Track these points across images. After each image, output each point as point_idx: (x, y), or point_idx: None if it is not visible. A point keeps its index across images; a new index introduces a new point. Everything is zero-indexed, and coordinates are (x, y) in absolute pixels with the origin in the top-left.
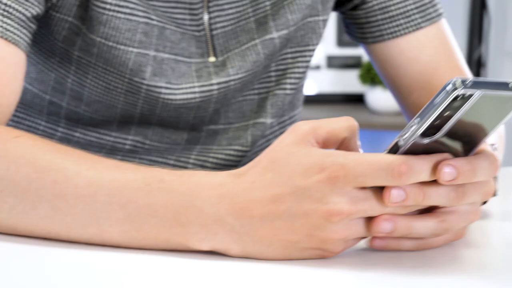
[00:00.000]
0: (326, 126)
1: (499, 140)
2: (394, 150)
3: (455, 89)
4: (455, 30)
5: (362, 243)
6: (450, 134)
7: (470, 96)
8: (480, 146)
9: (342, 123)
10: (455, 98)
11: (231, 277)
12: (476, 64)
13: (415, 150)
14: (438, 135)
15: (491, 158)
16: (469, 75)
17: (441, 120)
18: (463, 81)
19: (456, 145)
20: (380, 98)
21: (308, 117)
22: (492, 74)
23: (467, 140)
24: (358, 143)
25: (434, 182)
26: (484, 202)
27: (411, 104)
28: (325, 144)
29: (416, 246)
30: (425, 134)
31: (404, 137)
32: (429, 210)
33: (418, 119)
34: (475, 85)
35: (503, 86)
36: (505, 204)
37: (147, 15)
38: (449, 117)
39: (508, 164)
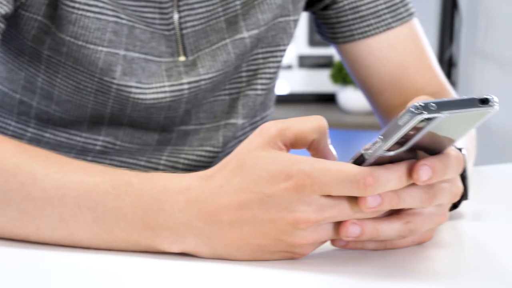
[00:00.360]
0: (294, 128)
1: (470, 141)
2: (359, 162)
3: (419, 113)
4: (426, 30)
5: (328, 243)
6: (416, 146)
7: (435, 117)
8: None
9: (311, 124)
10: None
11: (207, 277)
12: (448, 63)
13: (381, 161)
14: (403, 149)
15: (456, 155)
16: (440, 75)
17: (406, 137)
18: (426, 105)
19: (424, 152)
20: (352, 98)
21: (280, 117)
22: (463, 73)
23: (434, 148)
24: (329, 142)
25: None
26: (456, 206)
27: (382, 104)
28: (293, 146)
29: (380, 247)
30: (390, 149)
31: (369, 151)
32: (394, 213)
33: (382, 137)
34: (439, 107)
35: (469, 103)
36: (476, 205)
37: (117, 14)
38: (414, 134)
39: (478, 164)
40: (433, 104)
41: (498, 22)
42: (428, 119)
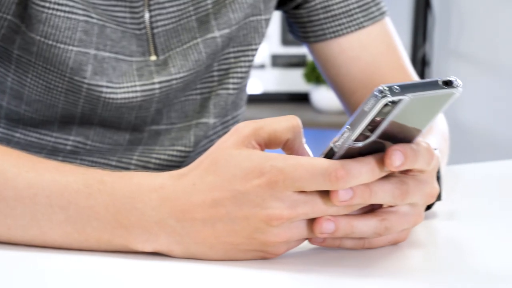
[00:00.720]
0: (267, 128)
1: (444, 142)
2: (330, 155)
3: (383, 96)
4: (399, 29)
5: (305, 243)
6: (385, 135)
7: (400, 100)
8: (417, 139)
9: (285, 123)
10: (385, 104)
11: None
12: (421, 63)
13: (351, 153)
14: (371, 138)
15: (426, 146)
16: (412, 74)
17: (373, 125)
18: (390, 88)
19: (393, 142)
20: (325, 97)
21: (253, 116)
22: (436, 72)
23: (402, 137)
24: (303, 142)
25: (378, 179)
26: (430, 207)
27: (354, 103)
28: (268, 145)
29: (357, 245)
30: (358, 139)
31: (338, 143)
32: (370, 211)
33: (349, 126)
34: (403, 89)
35: (432, 85)
36: (449, 204)
37: (87, 13)
38: (381, 121)
39: (451, 164)
40: (397, 87)
41: (471, 21)
42: (393, 103)
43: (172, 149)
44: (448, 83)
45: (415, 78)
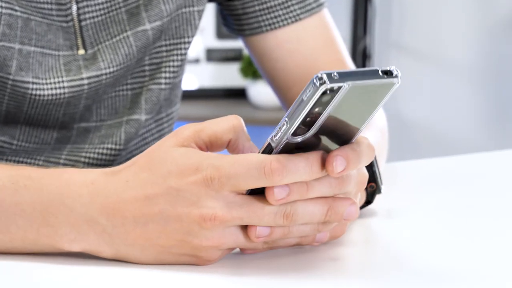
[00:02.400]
0: (208, 130)
1: (382, 136)
2: (268, 151)
3: (322, 83)
4: (339, 21)
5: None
6: (324, 130)
7: (339, 88)
8: (357, 136)
9: (225, 124)
10: (323, 93)
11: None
12: (362, 56)
13: (290, 150)
14: (311, 133)
15: (367, 143)
16: (351, 67)
17: (312, 117)
18: (329, 74)
19: (333, 139)
20: (263, 93)
21: (188, 114)
22: (378, 65)
23: (343, 133)
24: (249, 139)
25: None
26: (370, 202)
27: (291, 99)
28: (210, 148)
29: (294, 244)
30: (296, 133)
31: (276, 137)
32: None
33: (287, 118)
34: (342, 77)
35: (372, 74)
36: (388, 202)
37: (10, 6)
38: (320, 113)
39: (392, 160)
40: (336, 74)
41: (412, 13)
42: (332, 91)
43: (102, 147)
44: (387, 73)
45: None
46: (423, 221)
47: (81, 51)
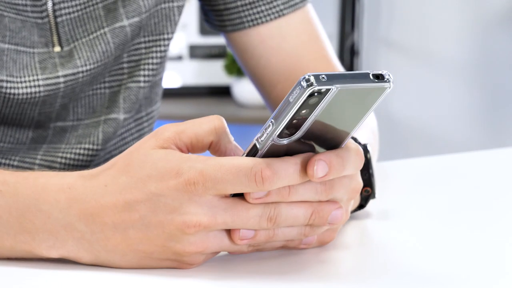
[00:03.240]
0: (189, 131)
1: (372, 136)
2: (253, 153)
3: (309, 85)
4: (326, 16)
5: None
6: (312, 133)
7: (327, 91)
8: (346, 142)
9: (206, 126)
10: (310, 95)
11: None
12: (349, 52)
13: (276, 152)
14: (297, 135)
15: (356, 150)
16: (337, 65)
17: (298, 119)
18: (317, 76)
19: (321, 143)
20: (248, 90)
21: (170, 112)
22: (366, 62)
23: (331, 137)
24: (232, 141)
25: None
26: (363, 206)
27: (275, 98)
28: (191, 150)
29: (281, 246)
30: (283, 135)
31: (261, 139)
32: None
33: (273, 120)
34: (331, 79)
35: (362, 77)
36: (380, 203)
37: None
38: (307, 115)
39: (381, 160)
40: (324, 76)
41: (401, 8)
42: (320, 93)
43: (79, 147)
44: (379, 77)
45: (340, 69)
46: (415, 223)
47: (57, 48)
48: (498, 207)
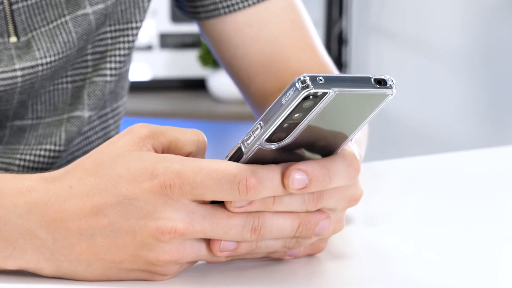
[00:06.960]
0: (170, 134)
1: (362, 133)
2: (237, 157)
3: (304, 87)
4: (311, 2)
5: None
6: (303, 138)
7: (324, 95)
8: (341, 148)
9: (190, 136)
10: (306, 98)
11: None
12: (337, 41)
13: (262, 158)
14: (287, 140)
15: (349, 158)
16: (323, 56)
17: (290, 123)
18: (314, 78)
19: (312, 149)
20: (225, 84)
21: (139, 108)
22: (355, 51)
23: (324, 144)
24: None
25: None
26: None
27: (254, 91)
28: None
29: (266, 256)
30: (271, 140)
31: (248, 142)
32: None
33: (262, 122)
34: (329, 82)
35: (363, 82)
36: (369, 207)
37: None
38: (300, 119)
39: (371, 160)
40: (321, 78)
41: None
42: (316, 97)
43: (39, 148)
44: (381, 82)
45: (326, 59)
46: (408, 227)
47: (13, 39)
48: (498, 209)
